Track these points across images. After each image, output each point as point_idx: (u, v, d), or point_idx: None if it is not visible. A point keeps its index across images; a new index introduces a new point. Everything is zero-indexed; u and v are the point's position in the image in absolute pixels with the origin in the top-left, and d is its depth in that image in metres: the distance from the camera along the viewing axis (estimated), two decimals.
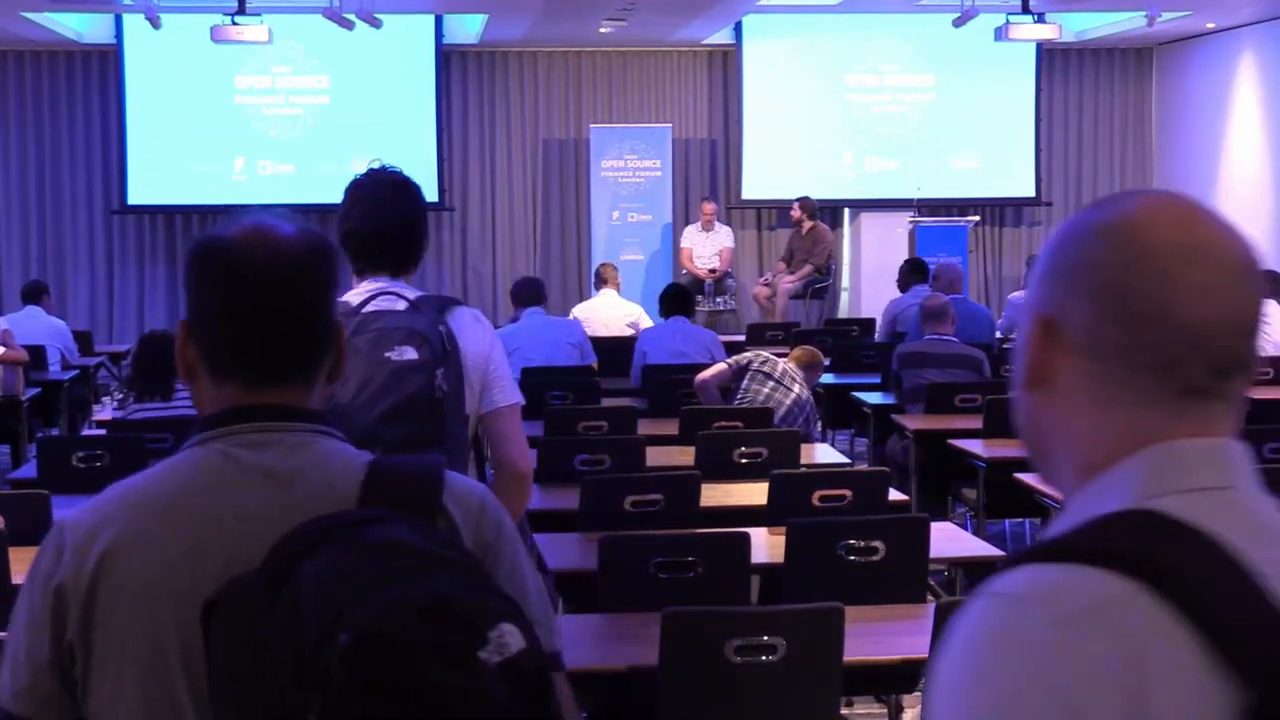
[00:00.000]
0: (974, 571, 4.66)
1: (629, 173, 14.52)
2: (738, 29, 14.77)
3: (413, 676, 1.34)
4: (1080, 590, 1.06)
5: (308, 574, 1.42)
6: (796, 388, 6.88)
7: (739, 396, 6.91)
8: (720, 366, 7.19)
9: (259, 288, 1.61)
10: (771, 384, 6.87)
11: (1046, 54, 15.16)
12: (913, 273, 10.77)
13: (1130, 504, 1.12)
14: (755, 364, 6.99)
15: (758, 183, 14.97)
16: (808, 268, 13.85)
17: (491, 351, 3.22)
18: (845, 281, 15.27)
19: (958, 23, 12.51)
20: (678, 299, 8.82)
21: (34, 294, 10.38)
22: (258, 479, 1.60)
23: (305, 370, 1.64)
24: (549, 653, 1.61)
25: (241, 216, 1.66)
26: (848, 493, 4.99)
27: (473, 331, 3.18)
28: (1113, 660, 1.03)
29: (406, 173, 3.29)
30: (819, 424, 7.76)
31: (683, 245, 14.31)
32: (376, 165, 3.29)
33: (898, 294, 10.85)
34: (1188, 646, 1.03)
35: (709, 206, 14.30)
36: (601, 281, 10.54)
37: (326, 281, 1.66)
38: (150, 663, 1.57)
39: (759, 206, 15.26)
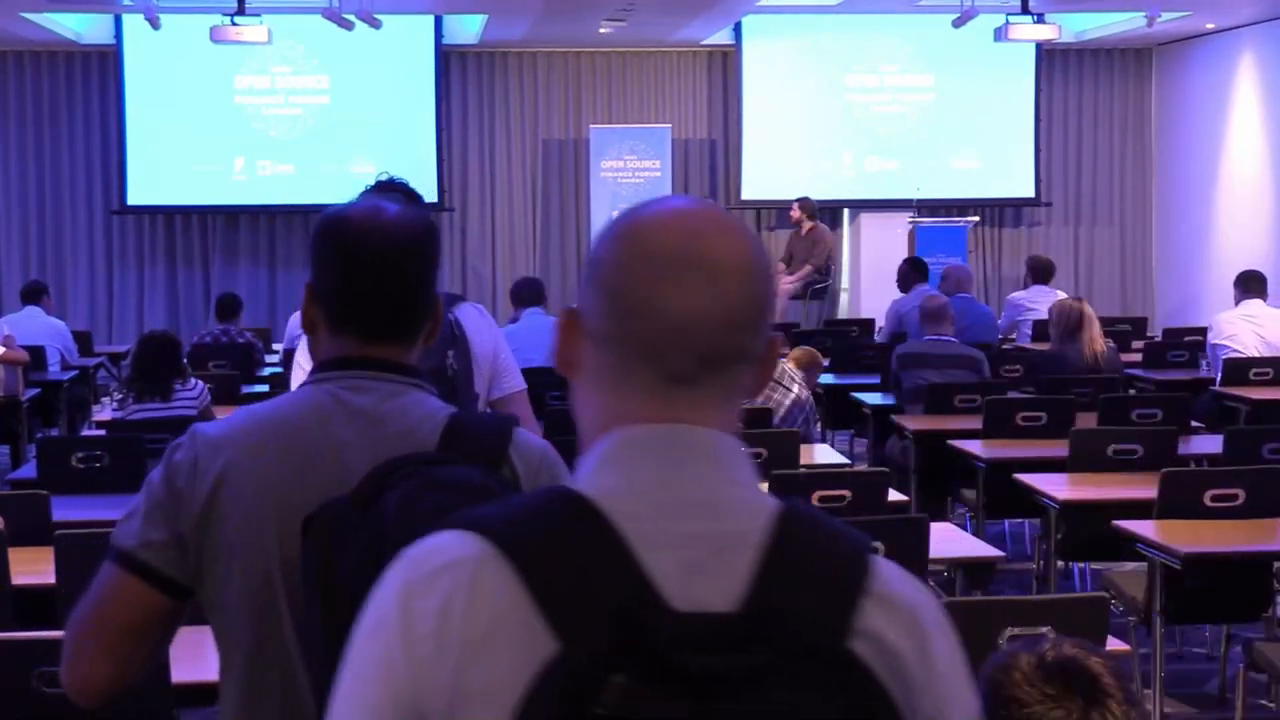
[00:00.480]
0: (973, 572, 4.66)
1: (629, 173, 14.52)
2: (737, 29, 14.77)
3: None
4: (442, 553, 1.22)
5: (389, 502, 1.72)
6: (796, 388, 6.87)
7: None
8: None
9: (371, 264, 1.92)
10: (770, 384, 6.86)
11: (1046, 54, 15.15)
12: (913, 272, 10.78)
13: (577, 479, 1.26)
14: None
15: (757, 183, 14.96)
16: (807, 268, 13.84)
17: (498, 344, 3.55)
18: (845, 282, 15.27)
19: (957, 23, 12.51)
20: None
21: (33, 294, 10.37)
22: (356, 418, 1.91)
23: (406, 332, 1.96)
24: None
25: (361, 197, 2.01)
26: (847, 493, 4.99)
27: (478, 325, 3.46)
28: (436, 614, 1.18)
29: (407, 176, 3.44)
30: (818, 424, 7.75)
31: None
32: (384, 177, 3.43)
33: (897, 294, 10.85)
34: (521, 602, 1.17)
35: None
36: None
37: (428, 259, 1.97)
38: (253, 569, 1.86)
39: (759, 207, 15.25)
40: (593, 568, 1.18)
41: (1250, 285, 9.08)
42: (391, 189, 3.36)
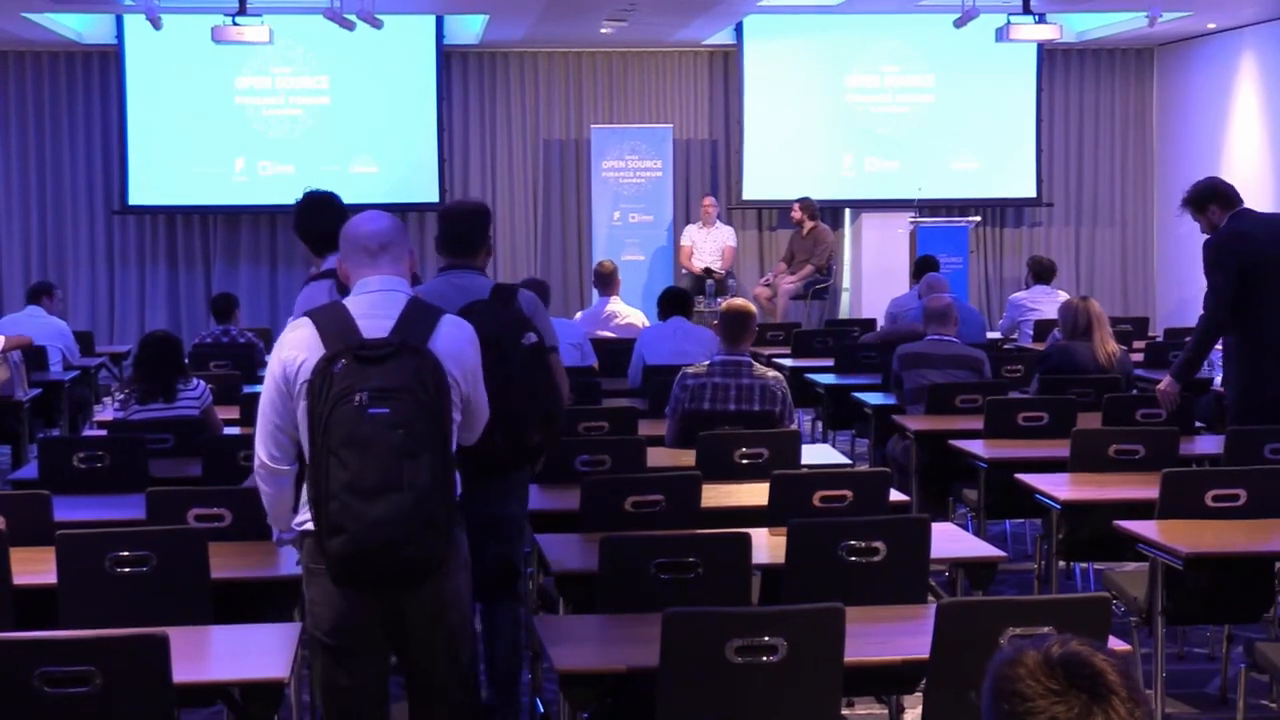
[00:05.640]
0: (975, 572, 4.65)
1: (630, 173, 14.52)
2: (738, 29, 14.77)
3: (502, 347, 4.43)
4: (297, 323, 3.65)
5: (473, 315, 4.05)
6: (766, 372, 6.35)
7: (708, 405, 6.35)
8: (667, 424, 6.49)
9: (451, 223, 4.64)
10: (717, 380, 6.39)
11: (1047, 54, 15.16)
12: (919, 270, 10.83)
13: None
14: (686, 379, 6.35)
15: (758, 183, 14.97)
16: (808, 268, 13.85)
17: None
18: (846, 282, 15.27)
19: (958, 23, 12.50)
20: (675, 300, 8.81)
21: (37, 294, 10.39)
22: (455, 287, 4.73)
23: (471, 251, 4.55)
24: (548, 345, 4.72)
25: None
26: (848, 493, 4.98)
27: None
28: (290, 344, 3.61)
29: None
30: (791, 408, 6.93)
31: (683, 243, 14.30)
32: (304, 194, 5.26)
33: (898, 294, 10.87)
34: (315, 338, 3.54)
35: (709, 201, 14.29)
36: (618, 284, 10.57)
37: (472, 222, 4.53)
38: None
39: (759, 207, 15.26)
40: (336, 325, 3.51)
41: None
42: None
